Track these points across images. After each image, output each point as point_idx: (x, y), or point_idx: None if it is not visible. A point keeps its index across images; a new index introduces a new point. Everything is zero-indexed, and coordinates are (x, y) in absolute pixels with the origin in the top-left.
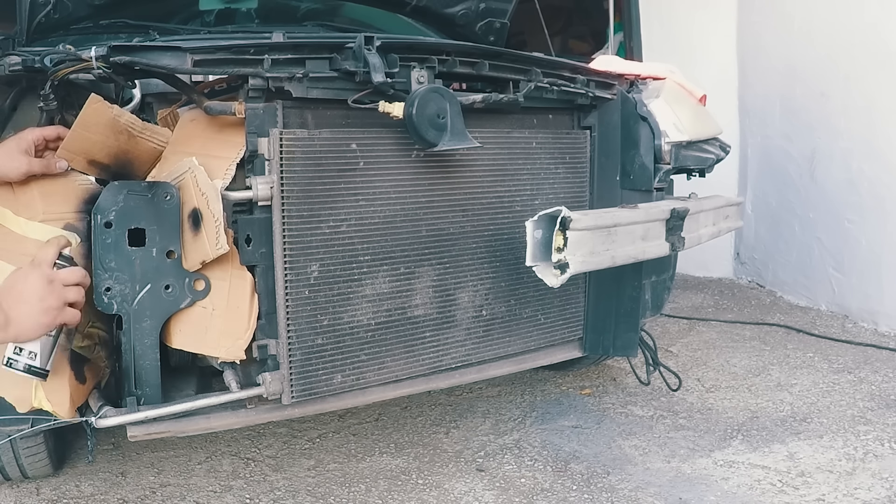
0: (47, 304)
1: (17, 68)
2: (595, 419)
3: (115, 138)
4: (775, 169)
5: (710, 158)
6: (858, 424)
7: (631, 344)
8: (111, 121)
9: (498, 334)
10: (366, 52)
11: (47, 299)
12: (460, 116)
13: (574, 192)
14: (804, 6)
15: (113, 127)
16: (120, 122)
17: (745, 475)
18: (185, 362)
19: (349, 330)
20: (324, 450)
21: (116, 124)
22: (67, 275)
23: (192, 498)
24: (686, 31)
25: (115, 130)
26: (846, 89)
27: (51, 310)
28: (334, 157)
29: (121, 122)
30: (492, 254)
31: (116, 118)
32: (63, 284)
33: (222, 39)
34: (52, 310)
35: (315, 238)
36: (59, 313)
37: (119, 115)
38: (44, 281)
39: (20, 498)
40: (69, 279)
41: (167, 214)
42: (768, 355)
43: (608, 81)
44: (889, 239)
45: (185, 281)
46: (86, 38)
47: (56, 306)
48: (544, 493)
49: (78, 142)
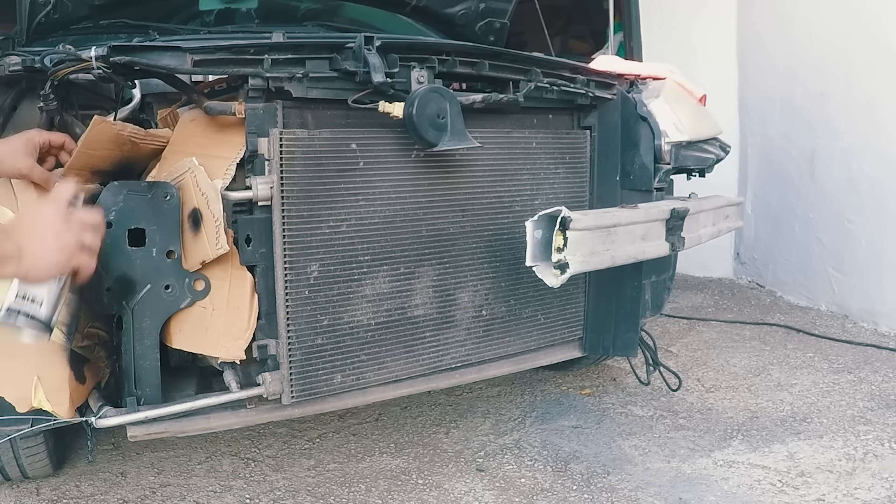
0: (64, 241)
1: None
2: (595, 419)
3: (118, 150)
4: (775, 169)
5: (710, 158)
6: (858, 424)
7: (631, 344)
8: (115, 136)
9: (498, 334)
10: (366, 52)
11: (64, 236)
12: (460, 116)
13: (574, 192)
14: (804, 6)
15: (117, 141)
16: (123, 135)
17: (745, 475)
18: (185, 362)
19: (349, 330)
20: (324, 450)
21: (120, 138)
22: (86, 214)
23: (192, 498)
24: (686, 31)
25: (119, 143)
26: (846, 89)
27: (67, 248)
28: (334, 157)
29: (124, 136)
30: (492, 254)
31: (120, 133)
32: (81, 224)
33: (222, 39)
34: (67, 248)
35: (315, 238)
36: (74, 254)
37: (122, 130)
38: (61, 216)
39: (20, 498)
40: (87, 219)
41: (167, 214)
42: (768, 355)
43: (608, 81)
44: (889, 239)
45: (185, 281)
46: (86, 38)
47: (72, 245)
48: (544, 493)
49: (83, 160)
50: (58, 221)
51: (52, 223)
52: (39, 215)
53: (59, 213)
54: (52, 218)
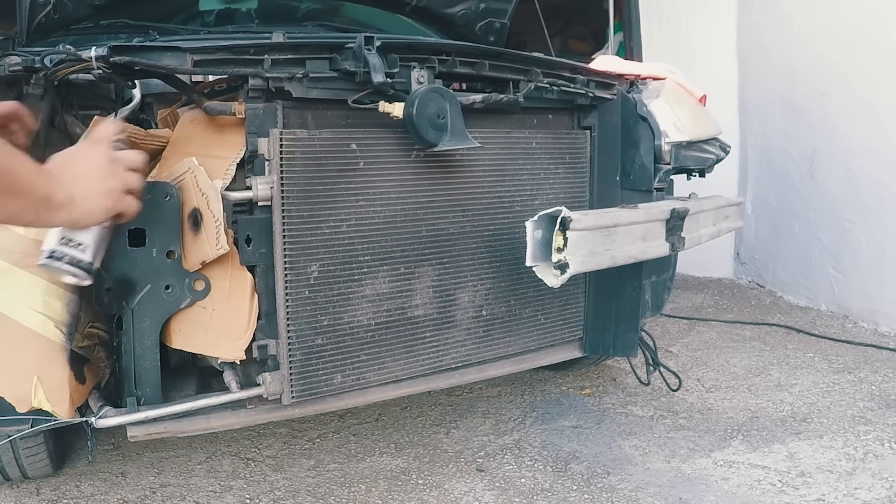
0: (111, 184)
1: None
2: (595, 419)
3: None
4: (775, 169)
5: (710, 158)
6: (858, 424)
7: (631, 344)
8: None
9: (498, 334)
10: (366, 53)
11: (111, 179)
12: (460, 116)
13: (574, 192)
14: (804, 6)
15: None
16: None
17: (745, 475)
18: (185, 362)
19: (349, 330)
20: (324, 450)
21: None
22: (131, 156)
23: (192, 498)
24: (686, 31)
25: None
26: (846, 89)
27: (114, 191)
28: (334, 157)
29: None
30: (492, 254)
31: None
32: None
33: (222, 39)
34: (115, 191)
35: (315, 238)
36: (121, 198)
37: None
38: (107, 159)
39: (20, 498)
40: (131, 160)
41: (167, 214)
42: (768, 355)
43: (608, 81)
44: (889, 239)
45: (185, 281)
46: (86, 38)
47: (119, 189)
48: (544, 493)
49: None
50: (104, 164)
51: (99, 166)
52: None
53: (105, 156)
54: (98, 161)
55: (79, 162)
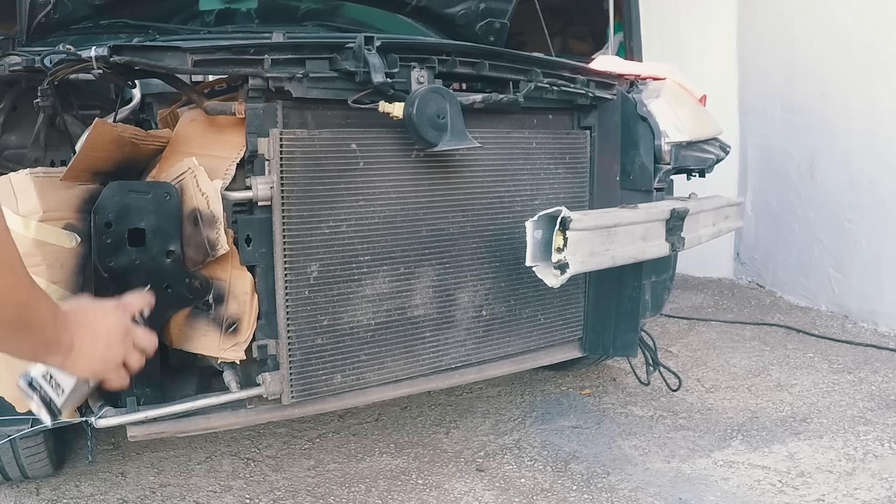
0: (113, 352)
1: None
2: (595, 419)
3: (119, 151)
4: (775, 169)
5: (710, 158)
6: (858, 424)
7: (631, 344)
8: (116, 138)
9: (498, 334)
10: (366, 53)
11: (116, 349)
12: (460, 116)
13: (574, 192)
14: (804, 7)
15: (117, 143)
16: (124, 136)
17: (745, 475)
18: (185, 362)
19: (349, 330)
20: (324, 450)
21: (121, 140)
22: (143, 335)
23: (192, 498)
24: (686, 31)
25: (120, 145)
26: (846, 89)
27: (109, 362)
28: (334, 157)
29: (125, 137)
30: (492, 254)
31: (121, 134)
32: (134, 343)
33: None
34: (110, 362)
35: (315, 238)
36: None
37: (123, 131)
38: (122, 329)
39: (20, 498)
40: (142, 341)
41: (167, 214)
42: (768, 355)
43: (608, 81)
44: (889, 239)
45: (185, 281)
46: (86, 38)
47: (116, 362)
48: (544, 493)
49: (84, 162)
50: (117, 332)
51: (111, 332)
52: (103, 317)
53: (122, 325)
54: (113, 326)
55: (94, 317)
